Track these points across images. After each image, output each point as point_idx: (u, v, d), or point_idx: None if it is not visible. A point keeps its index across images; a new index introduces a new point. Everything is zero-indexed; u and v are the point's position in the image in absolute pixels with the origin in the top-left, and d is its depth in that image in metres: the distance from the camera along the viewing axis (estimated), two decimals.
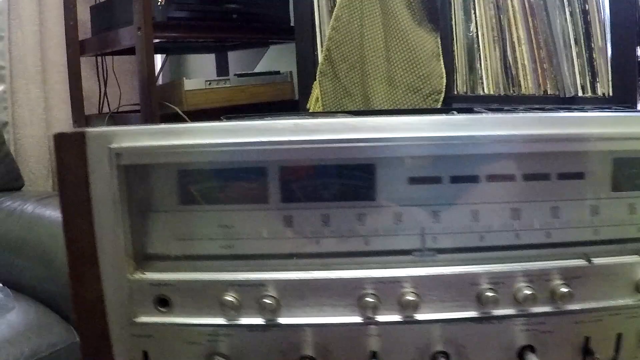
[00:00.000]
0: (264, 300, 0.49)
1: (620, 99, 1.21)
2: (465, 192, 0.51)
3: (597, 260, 0.51)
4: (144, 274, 0.51)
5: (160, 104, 1.50)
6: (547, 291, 0.51)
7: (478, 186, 0.51)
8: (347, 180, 0.51)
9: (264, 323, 0.50)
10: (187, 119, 1.51)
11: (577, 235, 0.53)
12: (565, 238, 0.53)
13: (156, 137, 0.49)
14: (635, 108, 1.18)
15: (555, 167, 0.52)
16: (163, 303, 0.51)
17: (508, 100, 1.26)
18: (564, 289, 0.50)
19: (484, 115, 0.51)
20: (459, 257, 0.51)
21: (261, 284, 0.50)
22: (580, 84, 1.25)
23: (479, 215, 0.51)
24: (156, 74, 1.58)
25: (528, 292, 0.50)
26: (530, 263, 0.51)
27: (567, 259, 0.51)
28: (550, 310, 0.51)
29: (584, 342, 0.53)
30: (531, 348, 0.52)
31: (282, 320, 0.50)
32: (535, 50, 1.26)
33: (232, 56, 2.26)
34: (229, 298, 0.50)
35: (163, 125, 0.50)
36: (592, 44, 1.23)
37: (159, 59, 2.00)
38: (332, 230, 0.51)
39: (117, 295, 0.50)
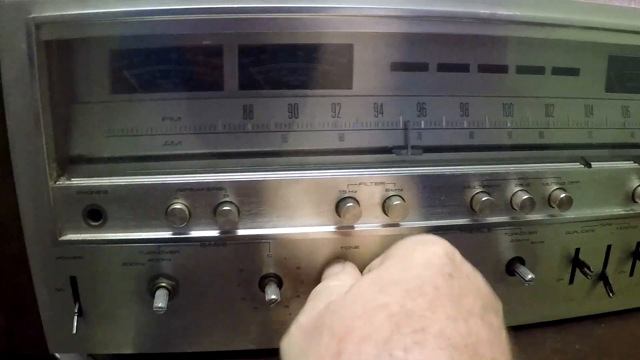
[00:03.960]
0: (222, 207, 0.40)
1: None
2: (454, 82, 0.44)
3: (596, 165, 0.46)
4: (70, 180, 0.40)
5: None
6: (544, 196, 0.45)
7: (467, 76, 0.44)
8: (320, 64, 0.42)
9: (220, 235, 0.41)
10: None
11: (571, 137, 0.47)
12: (559, 139, 0.47)
13: (89, 4, 0.38)
14: None
15: (550, 60, 0.46)
16: (95, 216, 0.41)
17: None
18: (563, 194, 0.44)
19: None
20: (447, 157, 0.44)
21: (217, 187, 0.41)
22: None
23: (469, 109, 0.45)
24: None
25: (525, 196, 0.44)
26: (527, 165, 0.45)
27: (564, 162, 0.46)
28: (544, 218, 0.46)
29: (575, 254, 0.47)
30: (521, 260, 0.46)
31: (243, 231, 0.42)
32: None
33: None
34: (177, 206, 0.40)
35: None
36: None
37: None
38: (302, 123, 0.42)
39: (37, 209, 0.40)
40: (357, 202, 0.42)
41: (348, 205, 0.41)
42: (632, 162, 0.48)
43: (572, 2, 0.45)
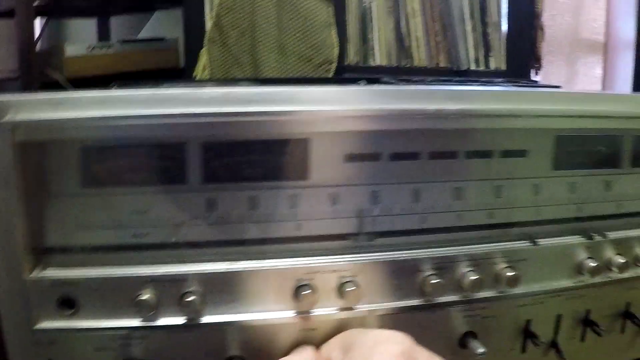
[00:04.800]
0: (186, 297, 0.43)
1: (514, 73, 1.23)
2: (406, 170, 0.47)
3: (542, 242, 0.49)
4: (44, 271, 0.43)
5: (40, 72, 1.36)
6: (492, 275, 0.48)
7: (419, 164, 0.47)
8: (278, 157, 0.45)
9: (185, 323, 0.44)
10: (70, 86, 1.38)
11: (519, 216, 0.50)
12: (508, 218, 0.50)
13: (62, 108, 0.41)
14: (531, 81, 1.20)
15: (497, 144, 0.49)
16: (68, 305, 0.43)
17: (400, 72, 1.25)
18: (510, 273, 0.47)
19: (427, 86, 0.47)
20: (399, 242, 0.47)
21: (182, 278, 0.43)
22: (474, 57, 1.26)
23: (420, 195, 0.47)
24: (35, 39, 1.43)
25: (474, 277, 0.46)
26: (475, 246, 0.47)
27: (511, 241, 0.48)
28: (494, 295, 0.48)
29: (525, 325, 0.50)
30: (473, 334, 0.49)
31: (207, 318, 0.44)
32: (430, 23, 1.25)
33: (115, 21, 2.10)
34: (145, 297, 0.43)
35: (69, 93, 0.42)
36: (487, 19, 1.24)
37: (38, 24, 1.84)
38: (261, 214, 0.45)
39: (12, 299, 0.42)
40: (314, 288, 0.44)
41: (304, 292, 0.44)
42: (579, 236, 0.51)
43: (519, 92, 0.48)
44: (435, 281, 0.46)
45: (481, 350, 0.47)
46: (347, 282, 0.45)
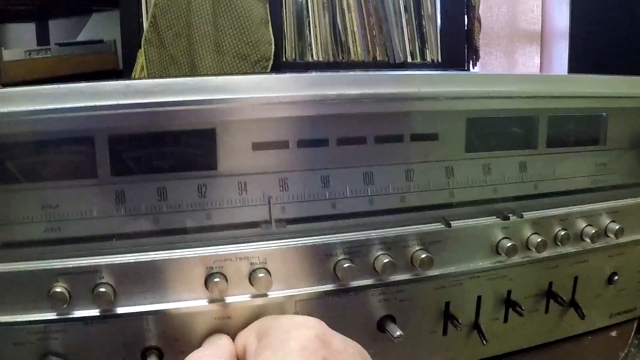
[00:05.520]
0: (98, 288, 0.44)
1: (450, 65, 1.24)
2: (314, 156, 0.48)
3: (455, 224, 0.50)
4: None
5: None
6: (406, 258, 0.49)
7: (327, 150, 0.48)
8: (185, 148, 0.46)
9: (99, 315, 0.45)
10: None
11: (433, 198, 0.51)
12: (421, 202, 0.50)
13: None
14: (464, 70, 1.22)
15: (408, 128, 0.49)
16: None
17: (337, 67, 1.26)
18: (423, 255, 0.48)
19: (329, 73, 0.47)
20: (310, 228, 0.48)
21: (94, 269, 0.44)
22: (410, 50, 1.28)
23: (330, 181, 0.48)
24: None
25: (386, 260, 0.47)
26: (387, 230, 0.48)
27: (424, 224, 0.49)
28: (410, 278, 0.49)
29: (445, 307, 0.51)
30: (391, 317, 0.49)
31: (121, 309, 0.45)
32: (365, 18, 1.27)
33: (53, 25, 2.11)
34: (58, 289, 0.43)
35: None
36: (422, 12, 1.27)
37: None
38: (171, 204, 0.46)
39: None
40: (225, 277, 0.45)
41: (215, 280, 0.45)
42: (495, 217, 0.51)
43: (426, 75, 0.49)
44: (347, 265, 0.46)
45: (398, 333, 0.48)
46: (257, 268, 0.45)
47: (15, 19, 2.07)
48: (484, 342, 0.52)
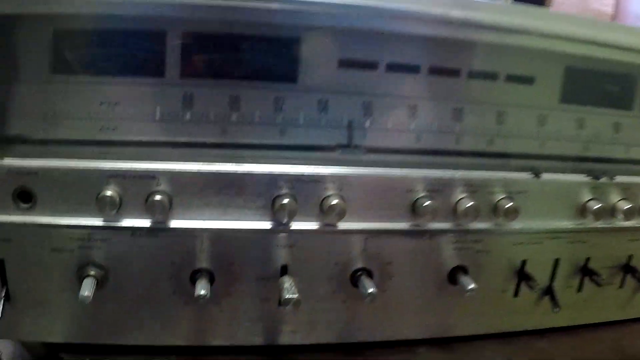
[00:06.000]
0: (154, 196, 0.39)
1: None
2: (402, 84, 0.43)
3: (545, 176, 0.45)
4: (2, 159, 0.39)
5: None
6: (490, 205, 0.44)
7: (417, 78, 0.43)
8: (264, 56, 0.41)
9: (151, 226, 0.40)
10: None
11: (522, 147, 0.46)
12: (509, 148, 0.46)
13: None
14: None
15: (503, 66, 0.45)
16: (25, 197, 0.39)
17: None
18: (510, 203, 0.43)
19: None
20: (390, 159, 0.43)
21: (150, 175, 0.40)
22: None
23: (417, 112, 0.44)
24: None
25: (470, 203, 0.43)
26: (473, 171, 0.44)
27: (512, 171, 0.45)
28: (490, 228, 0.45)
29: (521, 266, 0.46)
30: (464, 269, 0.45)
31: (175, 223, 0.40)
32: None
33: None
34: (108, 193, 0.39)
35: None
36: None
37: None
38: (242, 115, 0.41)
39: None
40: (294, 199, 0.40)
41: (284, 201, 0.40)
42: (585, 175, 0.47)
43: (528, 9, 0.44)
44: (427, 203, 0.42)
45: (472, 285, 0.44)
46: (330, 195, 0.41)
47: None
48: (556, 309, 0.48)
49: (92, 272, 0.40)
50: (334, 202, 0.40)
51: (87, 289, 0.39)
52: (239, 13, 0.39)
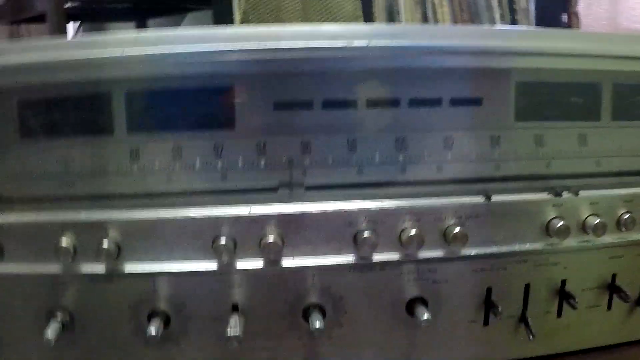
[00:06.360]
0: (102, 244, 0.42)
1: None
2: (341, 119, 0.44)
3: (497, 197, 0.44)
4: None
5: None
6: (438, 232, 0.43)
7: (356, 112, 0.44)
8: (202, 106, 0.43)
9: (104, 272, 0.43)
10: None
11: (474, 171, 0.45)
12: (460, 174, 0.45)
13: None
14: None
15: (448, 90, 0.45)
16: None
17: None
18: (457, 229, 0.43)
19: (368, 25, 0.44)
20: (331, 194, 0.44)
21: (100, 225, 0.42)
22: None
23: (357, 145, 0.44)
24: None
25: (414, 231, 0.42)
26: (418, 199, 0.43)
27: (463, 196, 0.44)
28: (443, 256, 0.44)
29: (486, 294, 0.45)
30: (422, 300, 0.44)
31: (127, 268, 0.43)
32: (458, 13, 1.20)
33: (152, 24, 2.16)
34: (64, 243, 0.42)
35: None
36: (515, 6, 1.18)
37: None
38: (185, 164, 0.43)
39: None
40: (232, 239, 0.42)
41: (221, 244, 0.42)
42: (546, 193, 0.45)
43: (469, 29, 0.44)
44: (366, 235, 0.42)
45: (425, 317, 0.43)
46: (268, 234, 0.42)
47: (115, 18, 2.18)
48: (531, 337, 0.46)
49: (58, 317, 0.43)
50: (270, 240, 0.41)
51: (51, 333, 0.42)
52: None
